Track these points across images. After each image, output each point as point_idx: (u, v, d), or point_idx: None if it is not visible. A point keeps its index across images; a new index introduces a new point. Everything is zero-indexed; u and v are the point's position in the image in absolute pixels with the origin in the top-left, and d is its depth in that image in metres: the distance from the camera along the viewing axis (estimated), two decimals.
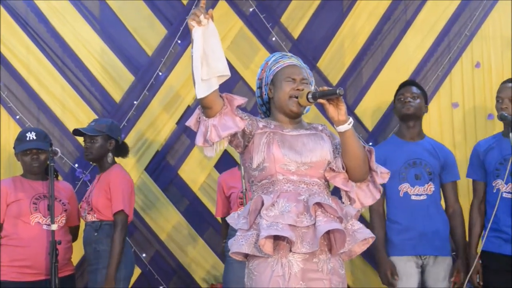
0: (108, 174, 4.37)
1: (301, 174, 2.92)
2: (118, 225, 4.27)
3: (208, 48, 2.75)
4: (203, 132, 2.84)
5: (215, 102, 2.81)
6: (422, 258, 4.34)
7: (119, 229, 4.26)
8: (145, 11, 5.21)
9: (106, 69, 5.17)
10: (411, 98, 4.41)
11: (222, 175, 4.75)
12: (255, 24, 5.19)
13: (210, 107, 2.81)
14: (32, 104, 5.12)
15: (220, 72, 2.77)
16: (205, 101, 2.79)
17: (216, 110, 2.83)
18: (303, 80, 3.00)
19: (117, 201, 4.28)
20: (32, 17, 5.14)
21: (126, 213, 4.29)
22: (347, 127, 2.89)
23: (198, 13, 2.75)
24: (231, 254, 2.93)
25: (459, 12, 5.18)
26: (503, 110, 4.20)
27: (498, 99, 4.29)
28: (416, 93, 4.44)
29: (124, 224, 4.29)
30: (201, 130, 2.85)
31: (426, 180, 4.36)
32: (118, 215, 4.28)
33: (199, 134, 2.86)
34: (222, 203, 4.67)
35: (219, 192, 4.69)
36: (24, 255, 4.22)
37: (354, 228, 2.94)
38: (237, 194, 4.52)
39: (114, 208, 4.28)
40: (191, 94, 5.15)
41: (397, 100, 4.47)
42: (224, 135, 2.83)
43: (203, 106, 2.83)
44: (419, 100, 4.43)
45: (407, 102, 4.39)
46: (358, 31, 5.22)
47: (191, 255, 5.11)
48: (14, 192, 4.31)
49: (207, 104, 2.80)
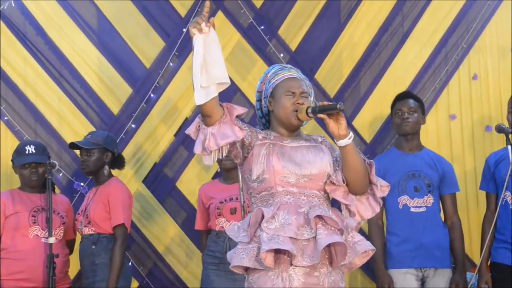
0: (107, 187, 4.36)
1: (300, 186, 2.92)
2: (119, 239, 4.26)
3: (208, 56, 2.77)
4: (202, 140, 2.85)
5: (214, 110, 2.81)
6: (422, 271, 4.34)
7: (120, 242, 4.25)
8: (142, 23, 5.21)
9: (103, 81, 5.17)
10: (408, 113, 4.43)
11: (202, 186, 4.73)
12: (253, 36, 5.20)
13: (209, 115, 2.82)
14: (29, 116, 5.11)
15: (220, 80, 2.78)
16: (204, 109, 2.80)
17: (216, 119, 2.83)
18: (303, 93, 3.00)
19: (117, 215, 4.27)
20: (29, 29, 5.14)
21: (126, 227, 4.28)
22: (347, 141, 2.89)
23: (200, 21, 2.77)
24: (232, 267, 2.91)
25: (456, 24, 5.19)
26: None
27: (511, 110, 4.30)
28: (413, 107, 4.45)
29: (125, 238, 4.29)
30: (200, 138, 2.86)
31: (425, 192, 4.37)
32: (118, 229, 4.27)
33: (197, 142, 2.87)
34: (201, 215, 4.65)
35: (199, 204, 4.68)
36: (22, 268, 4.22)
37: (355, 240, 2.93)
38: (215, 205, 4.49)
39: (114, 221, 4.27)
40: (189, 106, 5.15)
41: (395, 114, 4.49)
42: (222, 143, 2.83)
43: (203, 114, 2.83)
44: (416, 114, 4.45)
45: (405, 118, 4.42)
46: (355, 42, 5.23)
47: (189, 268, 5.09)
48: (12, 204, 4.31)
49: (206, 112, 2.81)
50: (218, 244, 4.45)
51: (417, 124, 4.46)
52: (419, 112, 4.47)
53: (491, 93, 5.11)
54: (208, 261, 4.49)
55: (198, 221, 4.68)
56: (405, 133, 4.46)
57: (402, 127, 4.44)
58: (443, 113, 5.17)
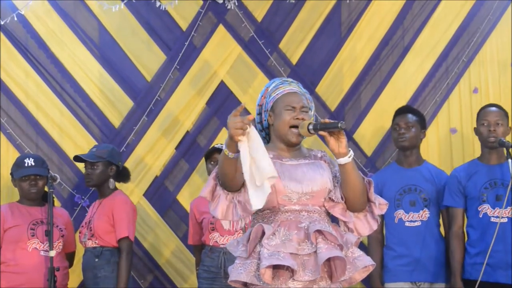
0: (112, 200, 4.38)
1: (302, 204, 2.93)
2: (124, 252, 4.27)
3: (253, 152, 2.69)
4: (226, 207, 2.83)
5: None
6: (417, 285, 4.34)
7: (125, 255, 4.27)
8: (143, 36, 5.23)
9: (105, 94, 5.18)
10: (405, 128, 4.43)
11: (194, 201, 4.71)
12: (254, 49, 5.21)
13: (237, 187, 2.81)
14: (30, 129, 5.12)
15: (270, 174, 2.68)
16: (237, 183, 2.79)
17: (239, 185, 2.81)
18: (303, 108, 3.01)
19: (121, 228, 4.29)
20: (31, 43, 5.16)
21: (130, 240, 4.29)
22: (347, 160, 2.89)
23: (244, 126, 2.67)
24: (230, 282, 2.92)
25: (457, 37, 5.20)
26: (491, 133, 4.25)
27: (484, 122, 4.31)
28: (411, 122, 4.45)
29: (130, 250, 4.31)
30: (221, 205, 2.83)
31: (421, 206, 4.38)
32: (123, 242, 4.29)
33: (218, 208, 2.84)
34: (194, 230, 4.63)
35: (191, 218, 4.65)
36: (22, 281, 4.22)
37: (355, 256, 2.94)
38: (208, 219, 4.47)
39: (118, 234, 4.29)
40: (190, 119, 5.17)
41: (393, 128, 4.52)
42: (252, 212, 2.83)
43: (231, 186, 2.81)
44: (414, 129, 4.45)
45: (401, 134, 4.42)
46: (356, 56, 5.25)
47: (190, 281, 5.09)
48: (11, 218, 4.31)
49: (237, 185, 2.80)
50: (213, 259, 4.44)
51: (414, 139, 4.46)
52: (418, 127, 4.47)
53: None
54: (203, 276, 4.47)
55: (191, 236, 4.67)
56: (401, 148, 4.48)
57: (399, 142, 4.46)
58: (443, 126, 5.17)
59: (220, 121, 5.18)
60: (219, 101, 5.21)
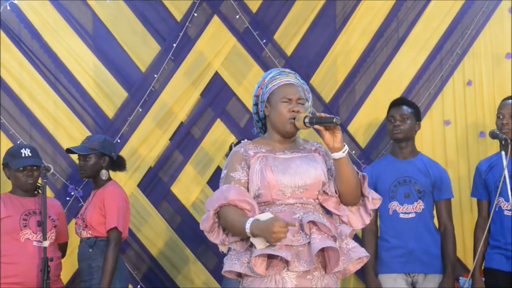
0: (103, 190, 4.37)
1: (296, 197, 2.94)
2: (112, 242, 4.27)
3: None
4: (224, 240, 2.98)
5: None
6: (411, 276, 4.37)
7: (112, 246, 4.26)
8: (138, 27, 5.21)
9: (99, 85, 5.16)
10: (400, 120, 4.45)
11: None
12: (249, 41, 5.20)
13: None
14: (24, 119, 5.10)
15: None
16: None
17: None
18: (299, 100, 3.01)
19: (111, 218, 4.28)
20: (25, 33, 5.13)
21: (119, 230, 4.28)
22: (341, 154, 2.91)
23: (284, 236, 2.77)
24: (224, 272, 2.94)
25: (451, 30, 5.21)
26: (504, 126, 4.24)
27: (499, 115, 4.31)
28: (406, 114, 4.47)
29: (118, 241, 4.29)
30: (218, 237, 2.96)
31: (415, 198, 4.40)
32: (112, 232, 4.28)
33: (218, 242, 2.96)
34: None
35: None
36: (15, 272, 4.21)
37: (349, 247, 2.96)
38: None
39: (108, 225, 4.28)
40: (184, 111, 5.16)
41: (388, 120, 4.53)
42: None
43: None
44: (409, 121, 4.47)
45: (396, 126, 4.44)
46: (351, 48, 5.24)
47: (184, 272, 5.09)
48: (4, 208, 4.29)
49: None
50: None
51: (409, 131, 4.48)
52: (413, 119, 4.49)
53: (485, 99, 5.12)
54: None
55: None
56: (396, 140, 4.49)
57: (394, 134, 4.47)
58: (437, 118, 5.18)
59: (215, 113, 5.18)
60: (213, 92, 5.20)
